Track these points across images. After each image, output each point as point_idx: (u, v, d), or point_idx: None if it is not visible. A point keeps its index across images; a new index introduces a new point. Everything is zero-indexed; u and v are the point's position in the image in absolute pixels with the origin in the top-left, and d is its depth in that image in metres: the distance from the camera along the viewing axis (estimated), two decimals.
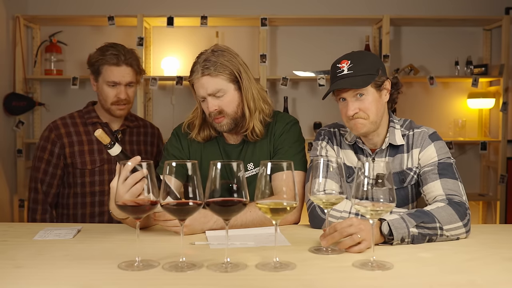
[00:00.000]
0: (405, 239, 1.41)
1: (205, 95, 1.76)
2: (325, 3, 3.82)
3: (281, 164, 1.21)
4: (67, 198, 2.20)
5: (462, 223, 1.48)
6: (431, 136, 1.71)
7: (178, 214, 1.22)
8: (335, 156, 1.79)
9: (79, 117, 2.24)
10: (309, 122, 3.79)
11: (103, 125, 2.21)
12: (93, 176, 2.16)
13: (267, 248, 1.39)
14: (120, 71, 2.12)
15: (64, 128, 2.19)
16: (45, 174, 2.18)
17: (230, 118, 1.79)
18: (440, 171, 1.62)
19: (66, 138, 2.17)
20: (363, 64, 1.64)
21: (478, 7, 3.83)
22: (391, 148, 1.73)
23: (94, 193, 2.16)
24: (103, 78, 2.14)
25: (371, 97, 1.64)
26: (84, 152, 2.17)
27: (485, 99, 3.69)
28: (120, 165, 1.30)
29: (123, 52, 2.13)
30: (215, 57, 1.74)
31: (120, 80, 2.13)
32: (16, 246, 1.42)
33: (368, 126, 1.66)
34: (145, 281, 1.13)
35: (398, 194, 1.70)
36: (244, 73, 1.79)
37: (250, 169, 1.85)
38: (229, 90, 1.77)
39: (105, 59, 2.11)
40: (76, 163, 2.16)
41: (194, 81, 1.77)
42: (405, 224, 1.41)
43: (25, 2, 3.77)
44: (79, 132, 2.20)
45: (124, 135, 2.25)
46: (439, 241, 1.46)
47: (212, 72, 1.73)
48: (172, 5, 3.77)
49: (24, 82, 3.59)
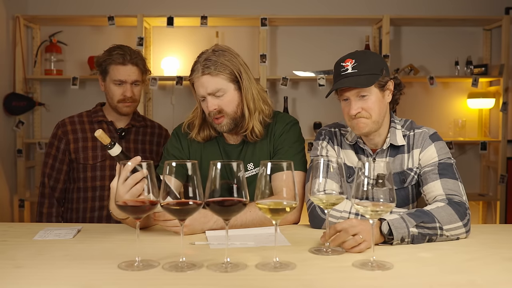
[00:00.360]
0: (405, 239, 1.41)
1: (205, 94, 1.76)
2: (325, 3, 3.82)
3: (281, 164, 1.21)
4: (71, 193, 2.30)
5: (462, 223, 1.48)
6: (432, 136, 1.71)
7: (178, 214, 1.22)
8: (336, 156, 1.78)
9: (86, 116, 2.35)
10: (309, 122, 3.79)
11: (108, 123, 2.30)
12: (94, 171, 2.25)
13: (267, 248, 1.39)
14: (126, 70, 2.21)
15: (70, 126, 2.31)
16: (52, 169, 2.30)
17: (230, 118, 1.78)
18: (440, 171, 1.62)
19: (71, 135, 2.28)
20: (368, 64, 1.63)
21: (478, 7, 3.83)
22: (392, 148, 1.73)
23: (95, 187, 2.24)
24: (110, 77, 2.23)
25: (374, 97, 1.64)
26: (88, 148, 2.26)
27: (485, 99, 3.69)
28: (120, 165, 1.30)
29: (129, 52, 2.23)
30: (216, 57, 1.75)
31: (126, 79, 2.22)
32: (16, 246, 1.42)
33: (370, 125, 1.66)
34: (145, 281, 1.13)
35: (398, 194, 1.70)
36: (244, 73, 1.79)
37: (250, 169, 1.85)
38: (229, 90, 1.76)
39: (112, 59, 2.21)
40: (79, 158, 2.25)
41: (194, 80, 1.77)
42: (405, 224, 1.41)
43: (25, 2, 3.77)
44: (85, 129, 2.30)
45: (129, 133, 2.31)
46: (439, 241, 1.46)
47: (212, 71, 1.73)
48: (172, 5, 3.77)
49: (24, 82, 3.59)
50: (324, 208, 1.37)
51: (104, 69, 2.25)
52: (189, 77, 1.80)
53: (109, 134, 2.24)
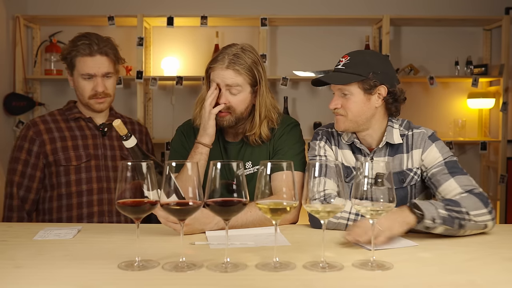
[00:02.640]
0: (435, 220, 1.43)
1: (223, 85, 1.76)
2: (325, 3, 3.82)
3: (281, 164, 1.22)
4: (49, 202, 1.98)
5: (486, 210, 1.52)
6: (431, 137, 1.73)
7: (178, 214, 1.22)
8: (334, 156, 1.79)
9: (59, 115, 2.07)
10: (309, 122, 3.79)
11: (87, 120, 2.06)
12: (79, 174, 1.97)
13: (267, 248, 1.39)
14: (94, 62, 1.96)
15: (43, 125, 2.01)
16: (23, 176, 1.98)
17: (235, 117, 1.80)
18: (450, 169, 1.65)
19: (46, 135, 1.99)
20: (358, 64, 1.65)
21: (478, 7, 3.83)
22: (390, 148, 1.74)
23: (81, 192, 1.96)
24: (78, 71, 1.98)
25: (356, 97, 1.66)
26: (68, 147, 1.98)
27: (485, 99, 3.70)
28: (121, 165, 1.27)
29: (97, 41, 1.96)
30: (245, 56, 1.76)
31: (95, 72, 1.96)
32: (16, 246, 1.42)
33: (347, 124, 1.69)
34: (145, 281, 1.13)
35: (397, 194, 1.69)
36: (263, 81, 1.81)
37: (249, 167, 1.86)
38: (245, 91, 1.78)
39: (77, 50, 1.95)
40: (59, 160, 1.96)
41: (216, 69, 1.76)
42: (434, 206, 1.45)
43: (25, 2, 3.77)
44: (61, 128, 2.02)
45: (110, 130, 2.06)
46: (469, 228, 1.48)
47: (238, 69, 1.74)
48: (172, 5, 3.77)
49: (24, 82, 3.59)
50: (320, 219, 1.24)
51: (70, 63, 1.99)
52: (211, 64, 1.79)
53: (90, 132, 2.05)
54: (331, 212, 1.25)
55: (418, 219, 1.43)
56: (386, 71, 1.69)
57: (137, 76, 3.51)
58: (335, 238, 1.49)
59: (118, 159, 2.05)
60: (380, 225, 1.38)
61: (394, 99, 1.71)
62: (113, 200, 1.86)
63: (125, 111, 3.77)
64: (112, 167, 2.04)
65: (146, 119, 3.70)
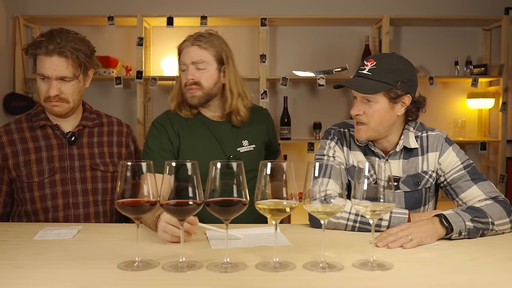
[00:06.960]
0: (462, 232, 1.46)
1: (188, 63, 1.86)
2: (325, 3, 3.82)
3: (281, 164, 1.22)
4: (18, 218, 1.86)
5: (509, 219, 1.55)
6: (447, 139, 1.74)
7: (178, 214, 1.22)
8: (343, 157, 1.77)
9: (26, 121, 1.90)
10: (309, 122, 3.79)
11: (53, 128, 1.87)
12: (43, 190, 1.81)
13: (267, 248, 1.39)
14: (50, 63, 1.76)
15: (6, 136, 1.85)
16: None
17: (204, 93, 1.88)
18: (472, 176, 1.66)
19: (8, 148, 1.83)
20: (385, 72, 1.60)
21: (477, 7, 3.83)
22: (405, 150, 1.73)
23: (47, 209, 1.81)
24: (37, 70, 1.81)
25: (380, 106, 1.63)
26: (31, 162, 1.82)
27: (485, 99, 3.69)
28: (121, 165, 1.25)
29: (58, 40, 1.76)
30: (209, 35, 1.90)
31: (49, 74, 1.77)
32: (16, 246, 1.42)
33: (369, 133, 1.66)
34: (145, 281, 1.13)
35: (411, 196, 1.72)
36: (230, 59, 1.92)
37: (246, 145, 1.94)
38: (211, 66, 1.88)
39: (35, 47, 1.78)
40: (21, 176, 1.81)
41: (182, 48, 1.90)
42: (461, 218, 1.46)
43: (25, 2, 3.77)
44: (25, 139, 1.85)
45: (80, 136, 1.89)
46: (489, 235, 1.51)
47: (201, 44, 1.86)
48: (172, 5, 3.77)
49: (24, 82, 3.59)
50: (320, 219, 1.25)
51: (33, 60, 1.82)
52: (179, 47, 1.92)
53: (56, 141, 1.86)
54: (330, 213, 1.24)
55: (448, 232, 1.46)
56: (412, 79, 1.65)
57: (137, 76, 3.51)
58: (335, 238, 1.49)
59: (88, 170, 1.86)
60: (411, 235, 1.40)
61: (416, 107, 1.71)
62: (81, 216, 1.83)
63: (125, 111, 3.78)
64: (80, 179, 1.85)
65: (146, 119, 3.70)
